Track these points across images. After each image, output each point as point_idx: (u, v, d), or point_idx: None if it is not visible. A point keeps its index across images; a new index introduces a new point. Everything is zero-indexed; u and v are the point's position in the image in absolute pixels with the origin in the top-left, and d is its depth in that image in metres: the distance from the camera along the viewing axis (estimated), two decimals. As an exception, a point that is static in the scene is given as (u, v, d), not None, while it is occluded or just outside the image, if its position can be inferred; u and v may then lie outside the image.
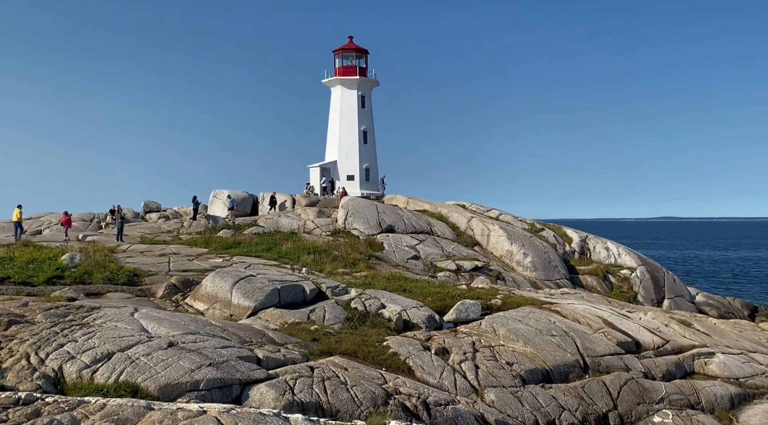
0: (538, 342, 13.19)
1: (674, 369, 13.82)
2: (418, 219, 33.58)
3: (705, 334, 17.15)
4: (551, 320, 14.80)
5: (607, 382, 12.16)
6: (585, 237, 35.05)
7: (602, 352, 13.40)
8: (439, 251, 29.42)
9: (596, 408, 11.29)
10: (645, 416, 11.60)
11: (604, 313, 16.63)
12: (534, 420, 10.35)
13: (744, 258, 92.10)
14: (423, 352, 11.69)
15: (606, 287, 29.91)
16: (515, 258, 30.43)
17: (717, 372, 14.12)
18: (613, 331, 14.92)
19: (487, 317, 14.63)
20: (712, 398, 12.76)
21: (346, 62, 43.70)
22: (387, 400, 9.05)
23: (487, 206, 38.27)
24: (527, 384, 11.46)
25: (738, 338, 17.85)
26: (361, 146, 42.78)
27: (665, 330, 16.56)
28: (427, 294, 17.09)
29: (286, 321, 13.49)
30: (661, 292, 30.56)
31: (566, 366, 12.47)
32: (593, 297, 23.64)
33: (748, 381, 13.96)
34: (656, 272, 31.81)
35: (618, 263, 32.20)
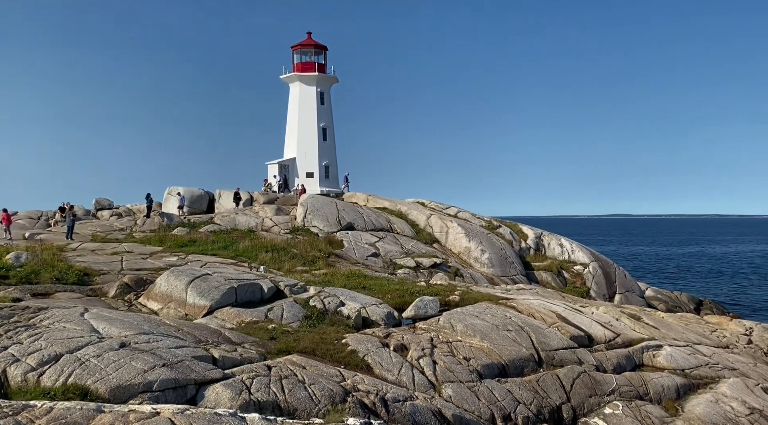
0: (495, 337, 13.41)
1: (624, 361, 14.27)
2: (378, 217, 33.64)
3: (653, 327, 17.77)
4: (507, 315, 15.07)
5: (561, 375, 12.47)
6: (540, 234, 35.81)
7: (556, 346, 13.72)
8: (398, 248, 29.55)
9: (550, 401, 11.57)
10: (597, 408, 11.95)
11: (558, 308, 17.03)
12: (490, 414, 10.52)
13: (689, 254, 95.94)
14: (382, 349, 11.73)
15: (560, 283, 30.65)
16: (473, 255, 30.84)
17: (664, 364, 14.65)
18: (566, 325, 15.30)
19: (445, 313, 14.79)
20: (660, 389, 13.23)
21: (304, 58, 43.38)
22: (345, 398, 9.04)
23: (445, 204, 38.67)
24: (484, 378, 11.63)
25: (684, 330, 18.57)
26: (320, 143, 42.57)
27: (616, 323, 17.08)
28: (387, 291, 17.16)
29: (243, 320, 13.32)
30: (613, 287, 31.50)
31: (521, 361, 12.72)
32: (548, 293, 24.19)
33: (693, 372, 14.54)
34: (608, 267, 32.77)
35: (571, 260, 33.03)
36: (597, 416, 11.61)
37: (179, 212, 34.26)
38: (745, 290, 50.11)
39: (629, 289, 32.26)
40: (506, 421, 10.56)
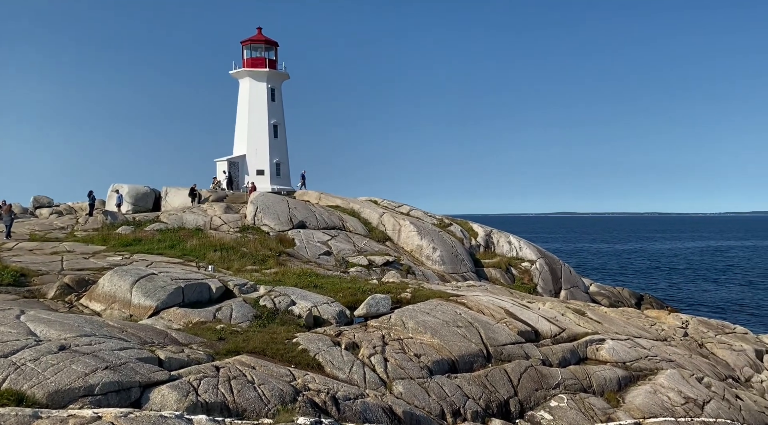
0: (445, 334, 13.58)
1: (569, 355, 14.71)
2: (331, 215, 33.50)
3: (597, 322, 18.38)
4: (457, 311, 15.29)
5: (509, 370, 12.75)
6: (490, 232, 36.47)
7: (504, 341, 14.02)
8: (351, 246, 29.51)
9: (498, 396, 11.81)
10: (543, 401, 12.27)
11: (506, 304, 17.40)
12: (440, 410, 10.66)
13: (629, 250, 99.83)
14: (333, 348, 11.69)
15: (508, 279, 31.31)
16: (425, 253, 31.14)
17: (607, 357, 15.19)
18: (514, 321, 15.65)
19: (397, 310, 14.87)
20: (603, 381, 13.71)
21: (255, 54, 42.72)
22: (295, 397, 8.97)
23: (398, 202, 38.88)
24: (434, 374, 11.76)
25: (626, 325, 19.29)
26: (271, 140, 42.03)
27: (562, 318, 17.59)
28: (339, 290, 17.12)
29: (191, 321, 13.02)
30: (559, 283, 32.42)
31: (471, 356, 12.93)
32: (497, 289, 24.68)
33: (633, 365, 15.13)
34: (554, 264, 33.70)
35: (520, 256, 33.79)
36: (543, 409, 11.93)
37: (118, 211, 33.19)
38: (681, 285, 52.53)
39: (574, 285, 33.27)
40: (456, 416, 10.72)
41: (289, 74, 43.63)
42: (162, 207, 36.52)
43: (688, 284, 53.70)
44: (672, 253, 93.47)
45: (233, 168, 41.55)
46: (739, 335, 21.68)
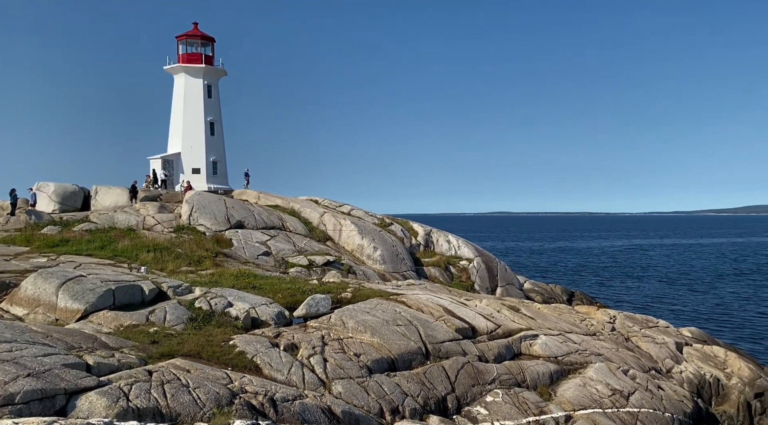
0: (385, 333, 13.67)
1: (504, 351, 15.14)
2: (270, 214, 33.02)
3: (531, 318, 18.99)
4: (397, 310, 15.42)
5: (446, 367, 12.98)
6: (429, 231, 36.97)
7: (442, 339, 14.26)
8: (291, 246, 29.20)
9: (436, 393, 12.01)
10: (479, 396, 12.57)
11: (445, 302, 17.70)
12: (379, 408, 10.73)
13: (561, 249, 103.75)
14: (271, 349, 11.56)
15: (447, 278, 31.85)
16: (366, 252, 31.22)
17: (540, 352, 15.72)
18: (452, 318, 15.95)
19: (337, 310, 14.85)
20: (536, 376, 14.18)
21: (190, 49, 41.54)
22: (232, 400, 8.81)
23: (339, 202, 38.78)
24: (373, 373, 11.83)
25: (558, 320, 20.02)
26: (207, 138, 40.99)
27: (498, 315, 18.06)
28: (278, 290, 16.91)
29: (122, 324, 12.55)
30: (495, 281, 33.26)
31: (410, 354, 13.09)
32: (436, 287, 25.06)
33: (564, 359, 15.73)
34: (491, 262, 34.54)
35: (458, 255, 34.44)
36: (479, 404, 12.22)
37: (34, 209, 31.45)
38: (608, 282, 55.03)
39: (510, 282, 34.21)
40: (394, 414, 10.82)
41: (226, 71, 42.70)
42: (92, 207, 34.91)
43: (614, 280, 56.30)
44: (600, 251, 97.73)
45: (168, 166, 40.24)
46: (661, 328, 22.91)
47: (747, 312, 38.17)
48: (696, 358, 19.71)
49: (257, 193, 37.72)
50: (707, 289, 49.61)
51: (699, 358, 19.77)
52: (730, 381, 18.58)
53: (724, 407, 17.60)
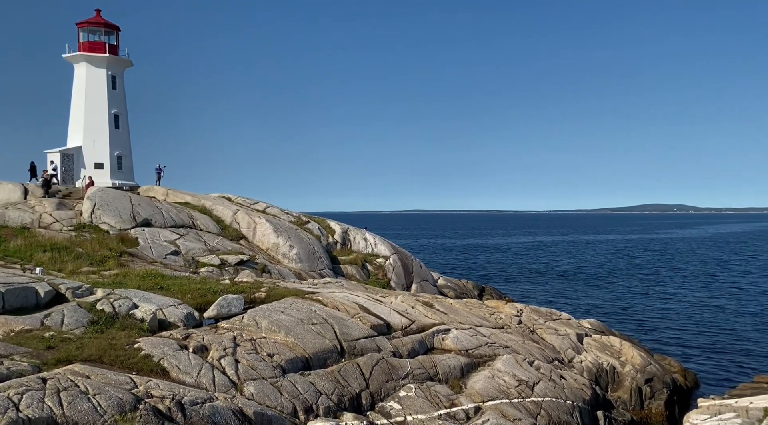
0: (299, 332, 13.55)
1: (418, 346, 15.44)
2: (179, 212, 31.76)
3: (443, 313, 19.49)
4: (312, 309, 15.33)
5: (361, 364, 13.06)
6: (346, 229, 37.02)
7: (358, 336, 14.33)
8: (202, 245, 28.24)
9: (351, 390, 12.05)
10: (393, 392, 12.75)
11: (361, 299, 17.80)
12: (292, 408, 10.62)
13: (471, 245, 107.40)
14: (180, 351, 11.14)
15: (364, 275, 32.04)
16: (281, 250, 30.76)
17: (451, 346, 16.17)
18: (368, 315, 16.06)
19: (250, 310, 14.54)
20: (447, 369, 14.58)
21: (92, 37, 39.11)
22: (136, 405, 8.40)
23: (253, 199, 37.94)
24: (287, 373, 11.70)
25: (469, 315, 20.67)
26: (112, 132, 38.76)
27: (412, 311, 18.39)
28: (187, 291, 16.32)
29: (13, 329, 11.62)
30: (410, 277, 33.84)
31: (325, 352, 13.05)
32: (352, 285, 25.13)
33: (475, 352, 16.27)
34: (406, 259, 35.11)
35: (375, 253, 34.73)
36: (393, 399, 12.39)
37: None
38: (516, 277, 57.57)
39: (424, 279, 34.94)
40: (308, 413, 10.75)
41: (132, 62, 40.58)
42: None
43: (521, 275, 58.95)
44: (507, 247, 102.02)
45: (67, 161, 37.68)
46: (564, 321, 24.24)
47: (639, 304, 41.19)
48: (595, 348, 21.02)
49: (166, 190, 36.17)
50: (604, 283, 53.04)
51: (597, 348, 21.11)
52: (625, 368, 19.97)
53: (618, 393, 18.90)
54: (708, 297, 43.88)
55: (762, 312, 37.38)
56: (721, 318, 35.46)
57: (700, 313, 37.30)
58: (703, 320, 35.06)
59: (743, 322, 34.06)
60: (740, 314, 36.60)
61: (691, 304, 40.76)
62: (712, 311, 37.79)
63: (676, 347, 28.37)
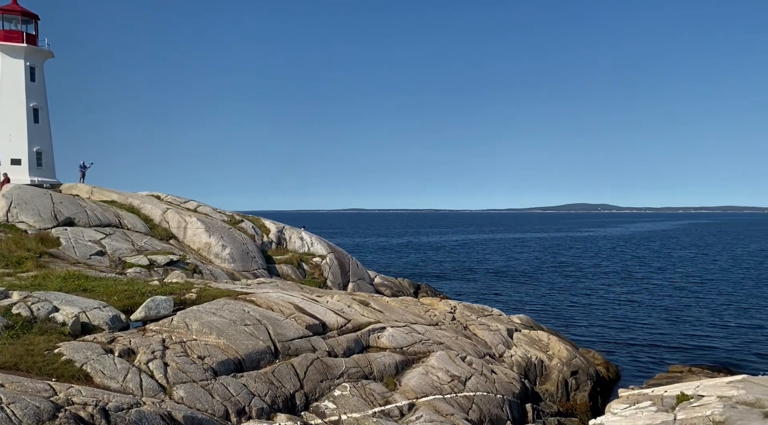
0: (232, 333, 13.29)
1: (354, 345, 15.48)
2: (105, 211, 30.39)
3: (379, 311, 19.63)
4: (246, 310, 15.07)
5: (295, 364, 12.96)
6: (282, 228, 36.58)
7: (292, 336, 14.21)
8: (129, 245, 27.14)
9: (284, 391, 11.94)
10: (327, 391, 12.73)
11: (296, 299, 17.65)
12: (224, 411, 10.41)
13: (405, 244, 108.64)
14: (104, 356, 10.68)
15: (300, 275, 31.76)
16: (213, 250, 30.02)
17: (387, 344, 16.32)
18: (303, 315, 15.95)
19: (180, 312, 14.13)
20: (382, 367, 14.70)
21: (9, 26, 36.78)
22: (56, 413, 7.99)
23: (184, 198, 36.81)
24: (219, 375, 11.45)
25: (404, 312, 20.92)
26: (30, 126, 36.60)
27: (348, 310, 18.41)
28: (113, 293, 15.68)
29: None
30: (347, 276, 33.85)
31: (258, 354, 12.86)
32: (287, 285, 24.88)
33: (409, 349, 16.49)
34: (343, 258, 35.08)
35: (311, 252, 34.49)
36: (327, 399, 12.37)
37: None
38: (451, 274, 58.71)
39: (361, 277, 35.03)
40: (240, 415, 10.57)
41: (53, 53, 38.43)
42: None
43: (456, 273, 60.17)
44: (440, 245, 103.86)
45: None
46: (495, 316, 24.95)
47: (565, 300, 42.95)
48: (524, 343, 21.76)
49: (90, 187, 34.51)
50: (532, 280, 54.95)
51: (527, 342, 21.86)
52: (552, 362, 20.79)
53: (546, 386, 19.66)
54: (627, 293, 46.31)
55: (676, 307, 39.83)
56: (640, 313, 37.53)
57: (620, 308, 39.32)
58: (623, 314, 36.99)
59: (659, 317, 36.19)
60: (656, 309, 38.87)
61: (612, 299, 42.89)
62: (632, 306, 39.93)
63: (600, 340, 29.80)
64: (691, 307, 39.40)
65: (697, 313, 37.08)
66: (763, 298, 42.97)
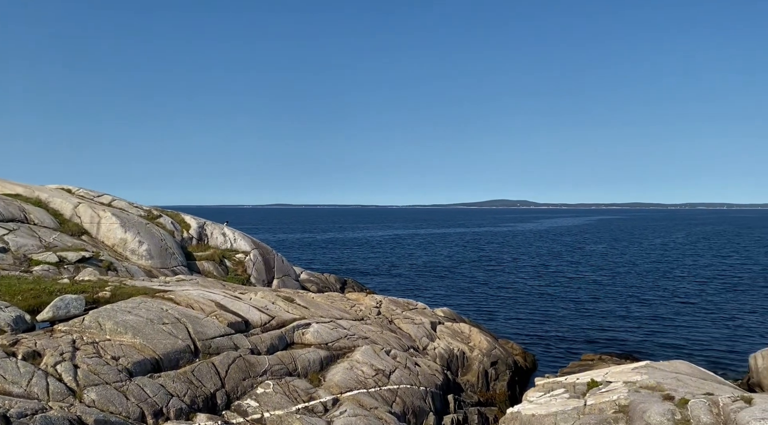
0: (149, 332, 12.77)
1: (277, 342, 15.28)
2: (8, 205, 28.31)
3: (304, 307, 19.48)
4: (164, 308, 14.52)
5: (216, 363, 12.64)
6: (203, 223, 35.50)
7: (213, 334, 13.84)
8: (36, 241, 25.44)
9: (205, 390, 11.61)
10: (250, 389, 12.50)
11: (218, 297, 17.20)
12: (140, 413, 9.99)
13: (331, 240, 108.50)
14: (6, 359, 9.97)
15: (222, 272, 30.97)
16: (129, 247, 28.70)
17: (311, 340, 16.22)
18: (225, 313, 15.57)
19: (93, 311, 13.40)
20: (307, 363, 14.60)
21: None
22: (-50, 424, 7.39)
23: (98, 191, 34.94)
24: (135, 376, 10.98)
25: (330, 308, 20.87)
26: None
27: (272, 307, 18.15)
28: (17, 292, 14.64)
29: None
30: (271, 273, 33.34)
31: (177, 353, 12.43)
32: (209, 282, 24.18)
33: (334, 344, 16.47)
34: (267, 254, 34.52)
35: (234, 248, 33.71)
36: (250, 397, 12.15)
37: None
38: (377, 269, 59.18)
39: (286, 274, 34.61)
40: (157, 417, 10.18)
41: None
42: None
43: (381, 268, 60.70)
44: (365, 241, 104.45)
45: None
46: (419, 310, 25.39)
47: (485, 293, 44.36)
48: (447, 335, 22.29)
49: (-9, 179, 32.08)
50: (455, 274, 56.35)
51: (449, 335, 22.40)
52: (473, 353, 21.42)
53: (467, 377, 20.24)
54: (544, 286, 48.45)
55: (588, 299, 42.10)
56: (555, 305, 39.38)
57: (537, 300, 41.09)
58: (539, 306, 38.68)
59: (572, 308, 38.12)
60: (570, 301, 40.92)
61: (529, 292, 44.73)
62: (547, 299, 41.82)
63: (518, 331, 31.03)
64: (601, 299, 41.76)
65: (607, 305, 39.35)
66: (665, 290, 46.21)
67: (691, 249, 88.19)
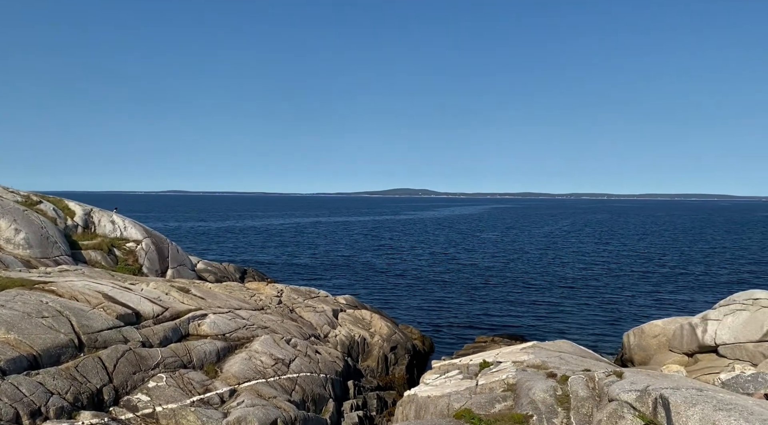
0: (25, 327, 11.81)
1: (171, 334, 14.68)
2: None
3: (201, 298, 18.84)
4: (43, 301, 13.48)
5: (104, 357, 11.94)
6: (90, 211, 33.23)
7: (100, 327, 13.05)
8: None
9: (90, 386, 10.94)
10: (141, 383, 11.93)
11: (105, 288, 16.22)
12: (14, 413, 9.24)
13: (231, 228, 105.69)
14: None
15: (111, 262, 29.20)
16: (4, 235, 26.28)
17: (208, 331, 15.75)
18: (113, 305, 14.72)
19: (-42, 306, 12.18)
20: (202, 355, 14.16)
21: None
22: None
23: (-36, 174, 31.60)
24: (8, 375, 10.12)
25: (228, 298, 20.34)
26: None
27: (166, 298, 17.39)
28: None
29: None
30: (165, 262, 31.89)
31: (58, 348, 11.60)
32: (96, 273, 22.73)
33: (232, 335, 16.09)
34: (161, 243, 32.96)
35: (124, 237, 31.87)
36: (140, 392, 11.61)
37: None
38: (280, 258, 58.40)
39: (181, 263, 33.24)
40: (35, 417, 9.45)
41: None
42: None
43: (284, 257, 59.96)
44: (265, 229, 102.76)
45: None
46: (322, 298, 25.40)
47: (385, 280, 45.19)
48: (348, 322, 22.48)
49: None
50: (356, 262, 56.88)
51: (351, 322, 22.61)
52: (374, 339, 21.78)
53: (368, 362, 20.56)
54: (441, 272, 50.14)
55: (482, 285, 44.10)
56: (451, 290, 40.91)
57: (434, 286, 42.47)
58: (437, 292, 40.01)
59: (467, 294, 39.79)
60: (465, 286, 42.68)
61: (427, 279, 46.13)
62: (444, 285, 43.36)
63: (417, 316, 31.92)
64: (494, 284, 43.91)
65: (500, 290, 41.46)
66: (552, 276, 49.39)
67: (575, 236, 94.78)
